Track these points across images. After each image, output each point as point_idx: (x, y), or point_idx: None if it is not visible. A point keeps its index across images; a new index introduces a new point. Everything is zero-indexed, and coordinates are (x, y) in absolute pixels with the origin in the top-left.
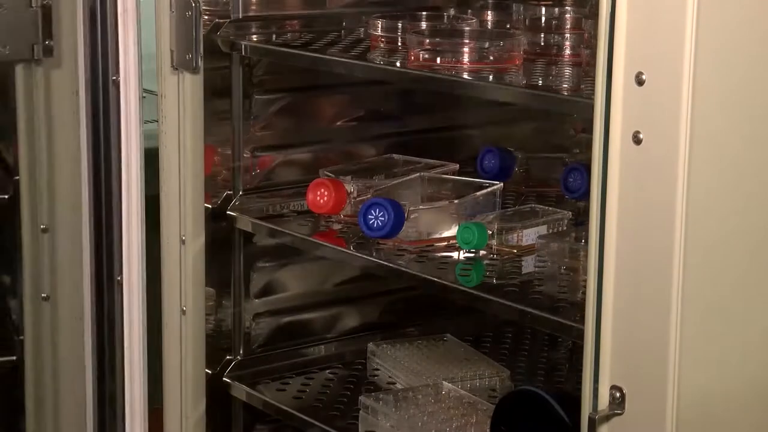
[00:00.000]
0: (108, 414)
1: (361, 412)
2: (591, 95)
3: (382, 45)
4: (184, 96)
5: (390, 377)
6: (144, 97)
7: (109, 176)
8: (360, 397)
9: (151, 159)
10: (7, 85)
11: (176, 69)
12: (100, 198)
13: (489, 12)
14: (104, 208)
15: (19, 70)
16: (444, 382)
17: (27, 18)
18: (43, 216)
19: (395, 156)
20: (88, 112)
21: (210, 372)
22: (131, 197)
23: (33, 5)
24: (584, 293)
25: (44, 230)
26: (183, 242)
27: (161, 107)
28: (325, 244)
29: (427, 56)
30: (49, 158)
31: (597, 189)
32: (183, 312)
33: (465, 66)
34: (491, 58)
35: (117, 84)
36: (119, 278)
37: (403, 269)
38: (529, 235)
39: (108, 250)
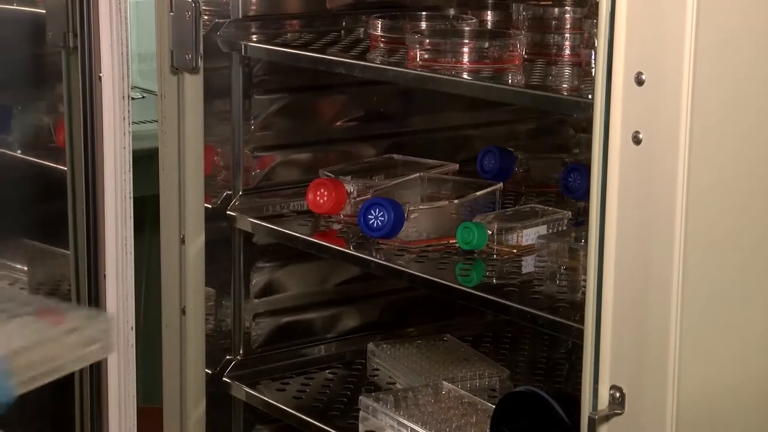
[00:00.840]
0: (94, 411)
1: (361, 412)
2: (591, 95)
3: (381, 45)
4: (184, 96)
5: (390, 377)
6: (144, 97)
7: (94, 172)
8: (360, 397)
9: (152, 159)
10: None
11: (176, 69)
12: (89, 192)
13: (489, 12)
14: (91, 204)
15: (63, 56)
16: (444, 382)
17: (61, 7)
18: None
19: (395, 156)
20: (81, 107)
21: (210, 372)
22: (115, 195)
23: None
24: (584, 293)
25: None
26: (183, 242)
27: (161, 107)
28: (325, 244)
29: (426, 56)
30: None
31: (597, 189)
32: (183, 312)
33: (465, 66)
34: (491, 58)
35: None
36: (105, 273)
37: (403, 269)
38: (528, 235)
39: (95, 246)
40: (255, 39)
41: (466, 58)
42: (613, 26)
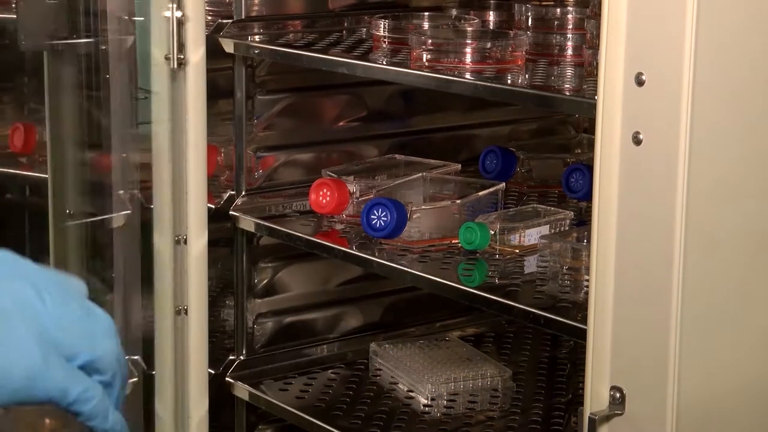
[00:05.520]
0: None
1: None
2: (593, 95)
3: (384, 45)
4: (186, 96)
5: (392, 377)
6: (145, 97)
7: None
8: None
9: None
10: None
11: (178, 69)
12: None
13: (491, 12)
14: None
15: (46, 59)
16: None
17: (45, 11)
18: (68, 201)
19: (397, 156)
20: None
21: (213, 372)
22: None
23: None
24: (586, 293)
25: (70, 215)
26: (185, 242)
27: (163, 107)
28: (328, 244)
29: (429, 56)
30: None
31: (599, 189)
32: (185, 312)
33: (467, 66)
34: (493, 58)
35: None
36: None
37: (406, 269)
38: (531, 235)
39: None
40: (258, 39)
41: (468, 59)
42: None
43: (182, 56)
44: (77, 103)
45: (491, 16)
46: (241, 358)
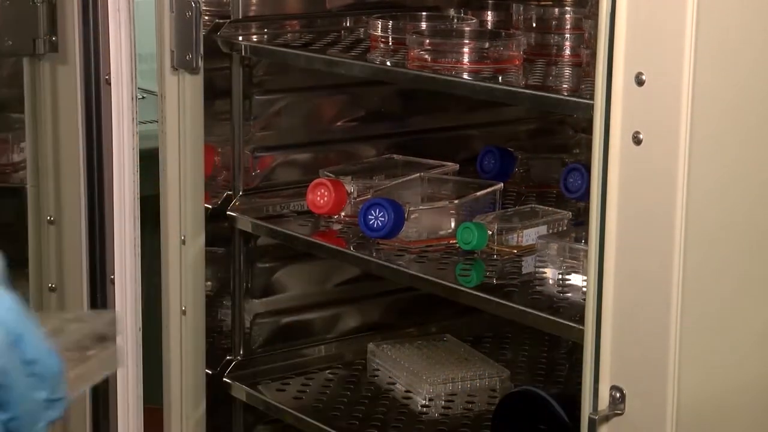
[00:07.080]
0: (101, 412)
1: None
2: (590, 96)
3: (382, 45)
4: (184, 96)
5: (390, 377)
6: (143, 97)
7: (102, 176)
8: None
9: (152, 159)
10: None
11: (176, 69)
12: (93, 197)
13: (489, 12)
14: (97, 208)
15: (26, 64)
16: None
17: (30, 13)
18: (49, 208)
19: (395, 156)
20: (82, 110)
21: (210, 372)
22: (123, 197)
23: (36, 1)
24: (584, 293)
25: (50, 222)
26: (183, 242)
27: (161, 107)
28: (325, 244)
29: (426, 56)
30: (54, 151)
31: (597, 189)
32: (183, 312)
33: (465, 66)
34: (491, 58)
35: (109, 82)
36: (112, 277)
37: (403, 269)
38: (529, 235)
39: (101, 249)
40: (255, 39)
41: (466, 59)
42: (613, 26)
43: (179, 56)
44: None
45: (489, 16)
46: (239, 358)
